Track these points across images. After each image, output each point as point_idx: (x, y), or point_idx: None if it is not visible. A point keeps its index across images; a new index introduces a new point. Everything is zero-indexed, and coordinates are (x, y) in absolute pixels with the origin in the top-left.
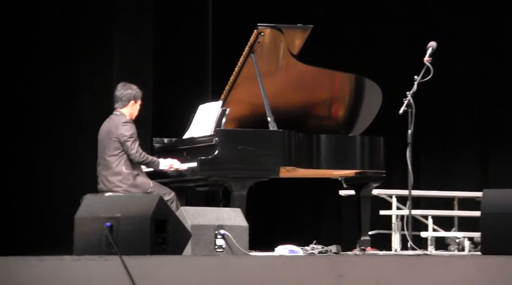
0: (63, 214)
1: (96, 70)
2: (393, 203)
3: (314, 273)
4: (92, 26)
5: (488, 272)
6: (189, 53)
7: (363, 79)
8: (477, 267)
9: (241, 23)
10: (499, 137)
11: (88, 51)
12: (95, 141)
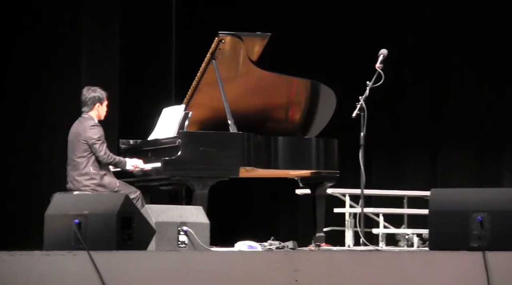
0: (33, 211)
1: (66, 76)
2: (347, 201)
3: (271, 267)
4: (62, 35)
5: (435, 266)
6: (154, 59)
7: (319, 84)
8: (425, 262)
9: (203, 31)
10: (447, 139)
11: (58, 58)
12: (65, 143)
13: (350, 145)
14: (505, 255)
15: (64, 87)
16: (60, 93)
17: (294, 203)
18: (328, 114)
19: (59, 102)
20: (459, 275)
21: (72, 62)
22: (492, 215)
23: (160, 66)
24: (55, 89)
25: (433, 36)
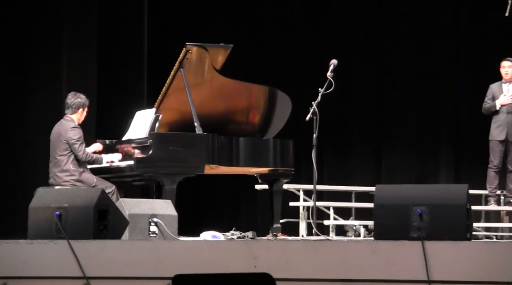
0: (19, 204)
1: (48, 81)
2: (301, 195)
3: (233, 255)
4: (44, 42)
5: (379, 254)
6: (128, 67)
7: (276, 90)
8: (370, 250)
9: (172, 42)
10: (390, 140)
11: (41, 65)
12: (47, 143)
13: (304, 145)
14: (441, 245)
15: (47, 91)
16: (43, 97)
17: (253, 197)
18: (284, 117)
19: (42, 106)
20: (400, 262)
21: (54, 69)
22: (430, 209)
23: (133, 74)
24: (38, 93)
25: (378, 46)
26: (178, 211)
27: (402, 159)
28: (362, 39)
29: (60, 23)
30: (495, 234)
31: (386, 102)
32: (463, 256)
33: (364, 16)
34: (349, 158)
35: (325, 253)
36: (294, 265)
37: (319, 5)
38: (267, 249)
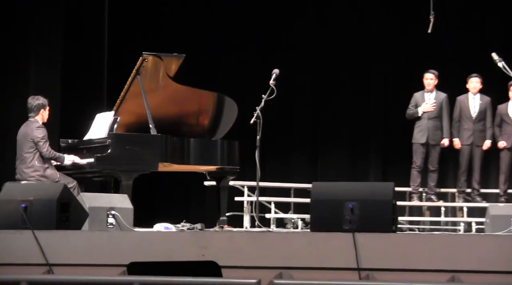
0: None
1: (16, 88)
2: (245, 191)
3: (183, 244)
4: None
5: (315, 244)
6: (89, 73)
7: (224, 96)
8: (307, 241)
9: (130, 51)
10: (326, 142)
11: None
12: (14, 142)
13: (248, 146)
14: (370, 236)
15: (15, 96)
16: (11, 102)
17: (202, 192)
18: (231, 120)
19: (9, 109)
20: (334, 252)
21: (22, 77)
22: (360, 204)
23: (94, 80)
24: (6, 98)
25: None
26: (134, 204)
27: (336, 159)
28: (301, 48)
29: (27, 34)
30: (417, 227)
31: (322, 108)
32: (389, 246)
33: (303, 25)
34: (289, 158)
35: (266, 243)
36: (238, 254)
37: (261, 18)
38: (214, 240)
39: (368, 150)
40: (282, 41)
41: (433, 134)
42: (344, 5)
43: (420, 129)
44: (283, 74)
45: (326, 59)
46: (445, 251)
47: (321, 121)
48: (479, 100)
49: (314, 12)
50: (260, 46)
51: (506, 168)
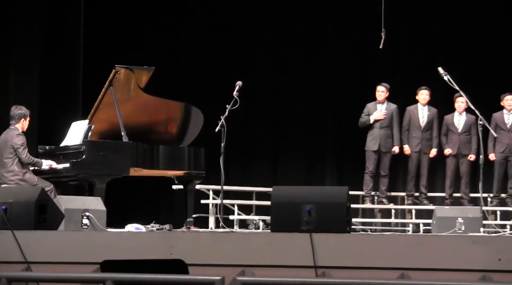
0: None
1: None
2: (210, 194)
3: (153, 244)
4: None
5: (275, 244)
6: (66, 84)
7: (191, 106)
8: (268, 241)
9: (104, 63)
10: (285, 148)
11: None
12: None
13: (213, 152)
14: (326, 236)
15: None
16: None
17: (170, 195)
18: (197, 129)
19: None
20: (292, 251)
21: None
22: (317, 206)
23: (70, 91)
24: None
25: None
26: (107, 206)
27: (295, 165)
28: (263, 62)
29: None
30: (370, 228)
31: (282, 118)
32: (343, 246)
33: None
34: (251, 164)
35: (230, 243)
36: (203, 252)
37: (226, 33)
38: (181, 239)
39: (324, 156)
40: (245, 54)
41: (385, 142)
42: (302, 21)
43: (372, 137)
44: (246, 85)
45: (286, 73)
46: (395, 250)
47: (281, 130)
48: (427, 111)
49: (274, 28)
50: (225, 60)
51: (451, 174)
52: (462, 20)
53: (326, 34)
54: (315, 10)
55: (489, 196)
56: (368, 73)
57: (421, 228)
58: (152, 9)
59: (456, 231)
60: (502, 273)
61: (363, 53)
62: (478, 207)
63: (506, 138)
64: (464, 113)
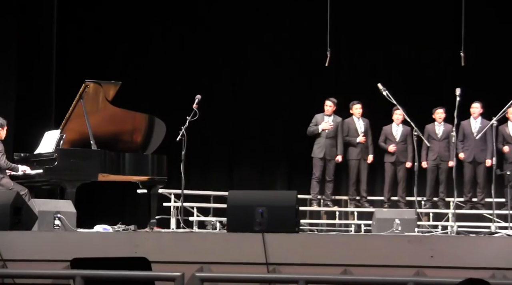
0: None
1: None
2: (172, 198)
3: (119, 243)
4: None
5: (231, 243)
6: (40, 97)
7: (154, 117)
8: (224, 240)
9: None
10: (240, 156)
11: None
12: None
13: (175, 159)
14: (277, 236)
15: None
16: None
17: (135, 199)
18: (160, 138)
19: None
20: (246, 249)
21: None
22: (268, 209)
23: (44, 103)
24: None
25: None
26: (77, 209)
27: (248, 171)
28: (220, 77)
29: None
30: (316, 228)
31: (238, 128)
32: (292, 245)
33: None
34: (209, 170)
35: (189, 242)
36: (165, 251)
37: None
38: (145, 239)
39: (275, 163)
40: (204, 71)
41: (330, 151)
42: (256, 41)
43: (319, 146)
44: (205, 99)
45: (241, 87)
46: (338, 248)
47: (236, 140)
48: (363, 122)
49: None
50: (186, 76)
51: (389, 179)
52: (399, 40)
53: (277, 53)
54: (267, 31)
55: (423, 199)
56: (314, 88)
57: (362, 228)
58: (122, 28)
59: (393, 231)
60: (434, 269)
61: (312, 71)
62: (413, 210)
63: (437, 147)
64: (400, 124)
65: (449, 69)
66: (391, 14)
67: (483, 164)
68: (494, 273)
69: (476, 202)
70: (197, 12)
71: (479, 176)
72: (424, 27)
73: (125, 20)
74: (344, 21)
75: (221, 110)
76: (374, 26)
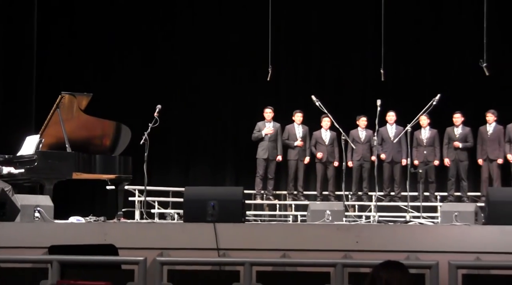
0: None
1: None
2: (136, 193)
3: (91, 232)
4: None
5: (187, 231)
6: (22, 106)
7: (121, 124)
8: (181, 229)
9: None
10: (195, 157)
11: None
12: None
13: (139, 160)
14: (226, 225)
15: None
16: None
17: (105, 194)
18: (126, 141)
19: None
20: (200, 237)
21: None
22: (219, 202)
23: (25, 111)
24: None
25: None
26: (54, 203)
27: (202, 170)
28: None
29: None
30: (260, 219)
31: (192, 132)
32: (240, 232)
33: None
34: (168, 168)
35: (151, 231)
36: (130, 238)
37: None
38: (113, 229)
39: (225, 163)
40: (163, 85)
41: (272, 152)
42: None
43: (262, 148)
44: (165, 108)
45: (196, 97)
46: (279, 236)
47: (191, 143)
48: (302, 129)
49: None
50: (148, 89)
51: (321, 177)
52: (330, 58)
53: (225, 70)
54: (216, 51)
55: (349, 193)
56: (258, 99)
57: (299, 218)
58: (93, 46)
59: (325, 220)
60: (359, 252)
61: (255, 83)
62: (341, 202)
63: (361, 149)
64: (329, 130)
65: (371, 83)
66: (324, 36)
67: (399, 164)
68: (409, 255)
69: (393, 195)
70: (156, 36)
71: (396, 174)
72: (351, 47)
73: (96, 37)
74: (284, 41)
75: (178, 118)
76: (309, 46)
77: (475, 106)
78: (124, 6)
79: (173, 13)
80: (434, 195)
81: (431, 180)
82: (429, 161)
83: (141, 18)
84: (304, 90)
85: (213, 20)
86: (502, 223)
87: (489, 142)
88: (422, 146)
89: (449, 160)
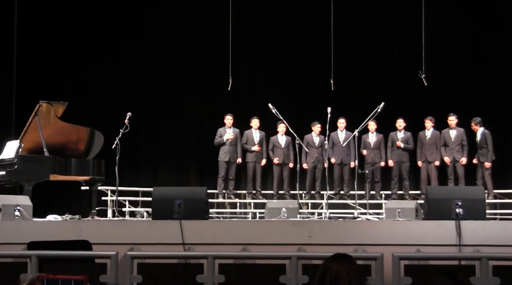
0: None
1: None
2: (108, 193)
3: (67, 229)
4: None
5: (155, 228)
6: (2, 114)
7: (94, 130)
8: (150, 225)
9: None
10: (163, 159)
11: None
12: None
13: (111, 163)
14: (191, 222)
15: None
16: None
17: (80, 194)
18: (99, 146)
19: None
20: (167, 232)
21: None
22: (184, 201)
23: (6, 118)
24: None
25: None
26: (33, 202)
27: (169, 171)
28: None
29: None
30: (222, 216)
31: (160, 137)
32: (203, 228)
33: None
34: (138, 170)
35: (122, 227)
36: (103, 234)
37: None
38: (88, 226)
39: (190, 166)
40: (134, 92)
41: (232, 155)
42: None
43: (224, 151)
44: (134, 115)
45: (164, 107)
46: (239, 231)
47: (159, 147)
48: (258, 133)
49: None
50: (119, 96)
51: (277, 177)
52: (286, 71)
53: (188, 80)
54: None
55: (303, 192)
56: (219, 107)
57: (257, 215)
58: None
59: (281, 217)
60: (312, 246)
61: (216, 93)
62: (295, 200)
63: (315, 152)
64: (284, 135)
65: (322, 92)
66: (280, 49)
67: (348, 165)
68: (356, 248)
69: (343, 194)
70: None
71: (345, 174)
72: (304, 59)
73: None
74: (244, 54)
75: (147, 124)
76: (267, 58)
77: (415, 113)
78: (95, 17)
79: (140, 25)
80: (380, 193)
81: (376, 180)
82: (376, 163)
83: (110, 28)
84: (261, 99)
85: (178, 31)
86: (440, 218)
87: (427, 146)
88: (369, 149)
89: (393, 162)
